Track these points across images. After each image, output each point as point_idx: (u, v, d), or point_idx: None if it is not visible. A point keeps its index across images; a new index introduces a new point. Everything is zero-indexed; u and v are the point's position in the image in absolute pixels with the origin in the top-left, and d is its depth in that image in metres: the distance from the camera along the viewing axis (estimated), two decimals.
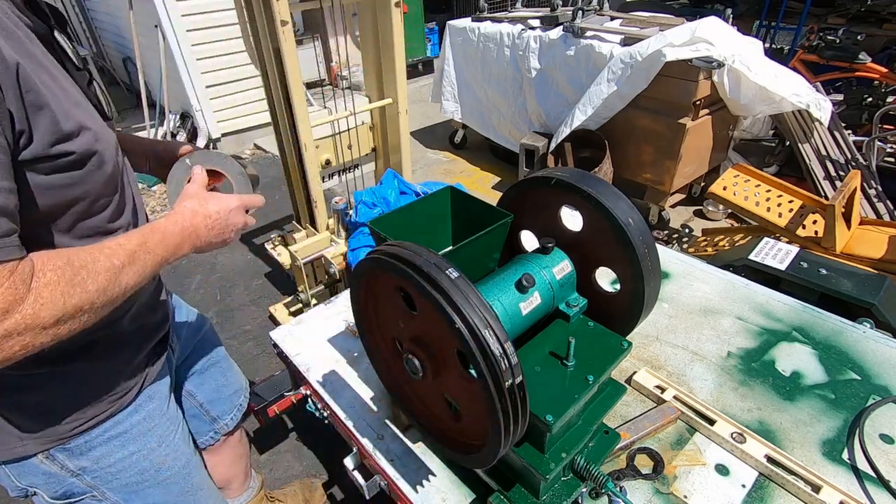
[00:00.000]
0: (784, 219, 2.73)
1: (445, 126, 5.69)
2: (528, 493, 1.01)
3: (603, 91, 3.39)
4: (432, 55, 7.42)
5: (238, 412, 1.61)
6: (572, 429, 1.00)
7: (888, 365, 1.40)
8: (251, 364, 2.82)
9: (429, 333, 0.89)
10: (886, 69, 4.35)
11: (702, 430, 1.23)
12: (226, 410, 1.56)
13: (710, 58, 3.01)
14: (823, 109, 3.44)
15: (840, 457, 1.17)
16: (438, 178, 4.85)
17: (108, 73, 7.17)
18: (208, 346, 1.51)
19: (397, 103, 2.56)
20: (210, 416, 1.52)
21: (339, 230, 2.72)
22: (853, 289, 1.80)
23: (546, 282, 1.04)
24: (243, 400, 1.63)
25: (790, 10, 5.95)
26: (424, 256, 0.79)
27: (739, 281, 1.77)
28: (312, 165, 2.41)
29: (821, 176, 3.58)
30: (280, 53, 2.14)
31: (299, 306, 2.85)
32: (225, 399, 1.55)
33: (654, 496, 1.10)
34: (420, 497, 1.12)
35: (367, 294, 1.03)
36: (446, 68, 4.77)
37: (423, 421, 1.08)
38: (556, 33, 3.72)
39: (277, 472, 2.24)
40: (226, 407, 1.56)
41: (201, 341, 1.48)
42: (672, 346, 1.50)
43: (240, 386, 1.63)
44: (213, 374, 1.51)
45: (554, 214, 1.13)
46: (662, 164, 3.49)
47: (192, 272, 3.65)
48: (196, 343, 1.46)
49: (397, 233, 1.15)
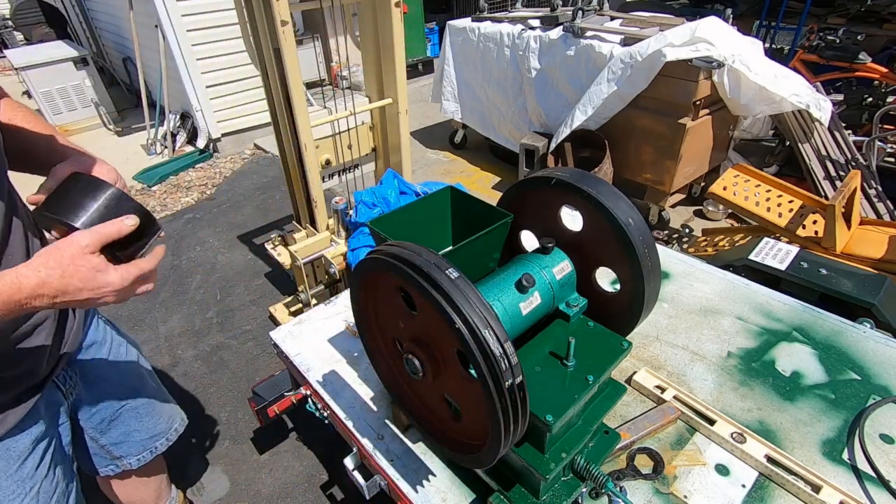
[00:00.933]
0: (784, 219, 2.72)
1: (445, 126, 5.69)
2: (528, 493, 1.01)
3: (603, 91, 3.39)
4: (432, 55, 7.42)
5: (149, 454, 1.52)
6: (572, 429, 1.00)
7: (888, 365, 1.40)
8: (251, 364, 2.82)
9: (429, 333, 0.89)
10: (886, 69, 4.35)
11: (702, 430, 1.23)
12: (132, 452, 1.48)
13: (710, 58, 3.01)
14: (823, 109, 3.44)
15: (840, 457, 1.17)
16: (438, 178, 4.85)
17: (108, 73, 7.17)
18: (126, 388, 1.41)
19: (397, 103, 2.56)
20: (112, 455, 1.45)
21: (339, 230, 2.72)
22: (853, 289, 1.80)
23: (546, 282, 1.04)
24: (161, 444, 1.55)
25: (790, 10, 5.94)
26: (424, 256, 0.79)
27: (739, 281, 1.77)
28: (312, 165, 2.41)
29: (821, 176, 3.58)
30: (280, 53, 2.14)
31: (299, 306, 2.85)
32: (135, 443, 1.47)
33: (654, 496, 1.10)
34: (420, 497, 1.12)
35: (367, 294, 1.03)
36: (446, 68, 4.77)
37: (423, 421, 1.08)
38: (556, 33, 3.72)
39: (277, 472, 2.24)
40: (133, 450, 1.48)
41: (117, 384, 1.38)
42: (672, 346, 1.50)
43: (158, 431, 1.53)
44: (125, 418, 1.42)
45: (554, 214, 1.13)
46: (662, 164, 3.49)
47: (192, 272, 3.65)
48: (113, 385, 1.36)
49: (397, 233, 1.15)
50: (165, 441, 1.56)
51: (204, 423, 2.48)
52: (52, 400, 1.17)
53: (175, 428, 1.60)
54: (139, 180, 4.93)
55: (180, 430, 1.62)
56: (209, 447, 2.37)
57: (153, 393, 1.52)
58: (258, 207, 4.46)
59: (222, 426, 2.47)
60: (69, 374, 1.23)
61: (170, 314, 3.25)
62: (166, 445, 1.57)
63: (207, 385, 2.70)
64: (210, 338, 3.03)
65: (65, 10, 7.75)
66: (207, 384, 2.71)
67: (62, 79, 5.65)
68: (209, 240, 4.04)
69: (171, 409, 1.61)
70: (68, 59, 5.63)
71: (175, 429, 1.60)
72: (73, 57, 5.67)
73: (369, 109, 2.62)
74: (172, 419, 1.60)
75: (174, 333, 3.07)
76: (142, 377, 1.48)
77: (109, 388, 1.36)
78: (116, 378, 1.38)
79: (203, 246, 3.97)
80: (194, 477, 2.23)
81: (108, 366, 1.35)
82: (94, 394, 1.33)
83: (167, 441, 1.57)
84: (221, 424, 2.48)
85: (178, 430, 1.61)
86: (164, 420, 1.56)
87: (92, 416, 1.35)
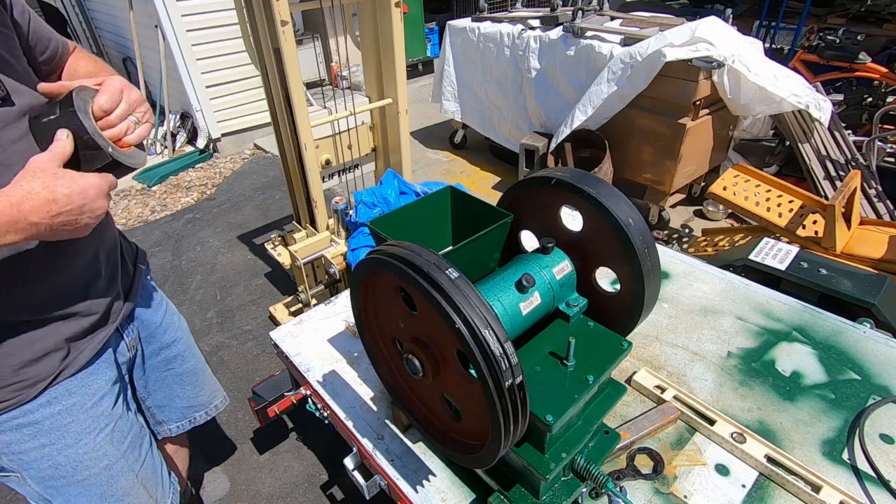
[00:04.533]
0: (784, 219, 2.72)
1: (445, 126, 5.69)
2: (528, 493, 1.01)
3: (603, 91, 3.39)
4: (432, 55, 7.42)
5: (187, 423, 1.58)
6: (572, 429, 1.00)
7: (888, 365, 1.40)
8: (251, 364, 2.82)
9: (429, 333, 0.89)
10: (886, 69, 4.35)
11: (702, 430, 1.23)
12: (173, 419, 1.54)
13: (710, 58, 3.01)
14: (823, 109, 3.44)
15: (840, 457, 1.17)
16: (438, 178, 4.85)
17: None
18: (175, 353, 1.47)
19: (397, 103, 2.56)
20: (156, 419, 1.51)
21: (339, 230, 2.72)
22: (853, 289, 1.80)
23: (546, 282, 1.04)
24: (200, 415, 1.60)
25: (790, 10, 5.94)
26: (424, 256, 0.79)
27: (739, 281, 1.77)
28: (312, 165, 2.41)
29: (821, 176, 3.58)
30: (280, 53, 2.14)
31: (299, 306, 2.85)
32: (175, 409, 1.53)
33: (654, 496, 1.10)
34: (420, 497, 1.12)
35: (367, 294, 1.03)
36: (446, 68, 4.77)
37: (423, 421, 1.08)
38: (556, 33, 3.72)
39: (277, 472, 2.24)
40: (174, 416, 1.54)
41: (168, 346, 1.44)
42: (672, 346, 1.50)
43: (198, 402, 1.59)
44: (170, 382, 1.48)
45: (554, 214, 1.13)
46: (662, 164, 3.49)
47: (193, 272, 3.65)
48: (164, 346, 1.43)
49: (397, 233, 1.15)
50: (204, 414, 1.61)
51: (204, 423, 2.48)
52: (119, 349, 1.24)
53: (216, 404, 1.65)
54: (139, 180, 4.93)
55: (220, 407, 1.67)
56: (209, 447, 2.37)
57: (198, 364, 1.58)
58: (258, 207, 4.46)
59: (222, 426, 2.47)
60: (131, 328, 1.29)
61: None
62: (205, 418, 1.61)
63: None
64: (210, 338, 3.03)
65: (65, 10, 7.75)
66: None
67: None
68: (209, 240, 4.04)
69: (214, 384, 1.67)
70: None
71: (216, 405, 1.65)
72: None
73: (369, 109, 2.62)
74: (214, 394, 1.66)
75: None
76: (189, 348, 1.54)
77: (159, 350, 1.42)
78: (166, 342, 1.43)
79: (203, 246, 3.97)
80: (194, 477, 2.23)
81: (161, 330, 1.41)
82: (147, 351, 1.39)
83: (206, 414, 1.62)
84: (221, 424, 2.48)
85: (219, 406, 1.67)
86: (206, 393, 1.62)
87: (143, 374, 1.41)
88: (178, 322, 1.49)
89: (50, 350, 1.04)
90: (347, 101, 2.49)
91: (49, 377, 1.05)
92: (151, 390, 1.46)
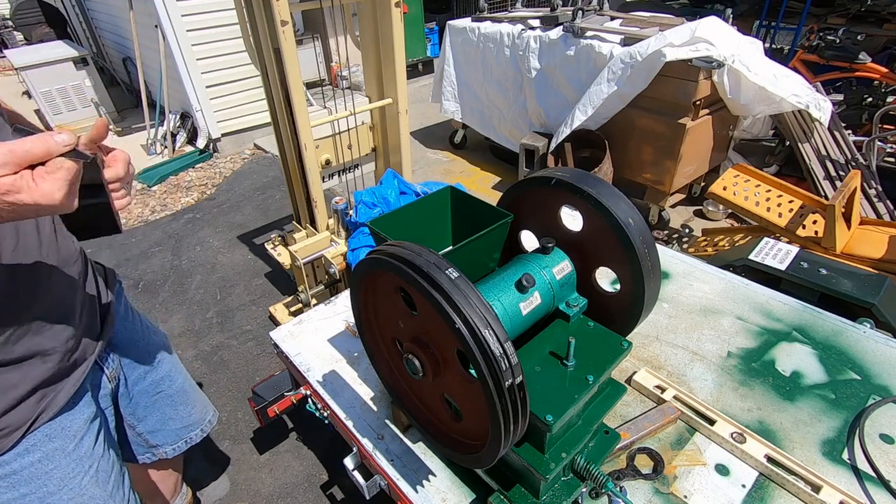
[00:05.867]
0: (784, 219, 2.72)
1: (445, 126, 5.69)
2: (528, 493, 1.01)
3: (603, 91, 3.39)
4: (432, 55, 7.42)
5: (184, 445, 1.53)
6: (572, 429, 1.00)
7: (888, 365, 1.40)
8: (251, 364, 2.82)
9: (429, 333, 0.89)
10: (886, 69, 4.35)
11: (702, 430, 1.23)
12: (168, 441, 1.49)
13: (710, 58, 3.01)
14: (823, 109, 3.44)
15: (840, 457, 1.17)
16: (438, 178, 4.85)
17: (108, 73, 7.17)
18: (162, 374, 1.42)
19: (397, 103, 2.56)
20: (149, 444, 1.46)
21: (339, 230, 2.72)
22: (853, 289, 1.80)
23: (546, 282, 1.04)
24: (196, 434, 1.56)
25: (790, 10, 5.94)
26: (424, 256, 0.79)
27: (739, 281, 1.77)
28: (312, 165, 2.41)
29: (821, 176, 3.58)
30: (280, 53, 2.14)
31: (299, 306, 2.85)
32: (170, 431, 1.48)
33: (654, 496, 1.10)
34: (420, 497, 1.12)
35: (367, 294, 1.03)
36: (446, 68, 4.77)
37: (423, 421, 1.08)
38: (556, 33, 3.72)
39: (277, 472, 2.24)
40: (169, 439, 1.49)
41: (152, 370, 1.39)
42: (672, 346, 1.50)
43: (192, 420, 1.54)
44: (160, 405, 1.43)
45: (554, 214, 1.13)
46: (662, 164, 3.49)
47: (193, 272, 3.65)
48: (148, 371, 1.38)
49: (397, 233, 1.15)
50: (200, 432, 1.58)
51: None
52: (97, 382, 1.19)
53: (209, 420, 1.62)
54: (139, 180, 4.93)
55: (213, 422, 1.64)
56: (209, 447, 2.37)
57: (185, 382, 1.54)
58: (258, 207, 4.46)
59: (222, 426, 2.47)
60: (111, 358, 1.25)
61: (170, 314, 3.25)
62: (201, 437, 1.58)
63: (207, 385, 2.70)
64: (210, 338, 3.03)
65: (65, 10, 7.75)
66: (207, 384, 2.71)
67: (62, 79, 5.65)
68: (209, 240, 4.04)
69: (204, 400, 1.64)
70: (68, 59, 5.63)
71: (209, 420, 1.62)
72: (73, 57, 5.66)
73: (369, 109, 2.62)
74: (205, 410, 1.62)
75: (174, 333, 3.07)
76: (175, 366, 1.50)
77: (146, 374, 1.38)
78: (151, 364, 1.39)
79: (203, 246, 3.97)
80: (194, 477, 2.23)
81: (144, 352, 1.37)
82: (131, 378, 1.34)
83: (202, 432, 1.58)
84: (221, 424, 2.48)
85: (212, 421, 1.63)
86: (198, 410, 1.58)
87: (130, 401, 1.36)
88: (158, 339, 1.43)
89: (24, 395, 0.96)
90: (347, 101, 2.49)
91: (25, 424, 0.97)
92: (142, 416, 1.40)
